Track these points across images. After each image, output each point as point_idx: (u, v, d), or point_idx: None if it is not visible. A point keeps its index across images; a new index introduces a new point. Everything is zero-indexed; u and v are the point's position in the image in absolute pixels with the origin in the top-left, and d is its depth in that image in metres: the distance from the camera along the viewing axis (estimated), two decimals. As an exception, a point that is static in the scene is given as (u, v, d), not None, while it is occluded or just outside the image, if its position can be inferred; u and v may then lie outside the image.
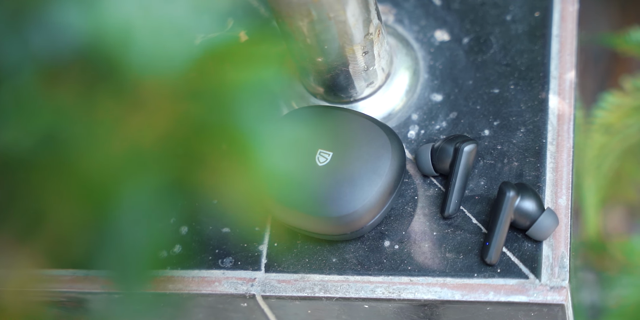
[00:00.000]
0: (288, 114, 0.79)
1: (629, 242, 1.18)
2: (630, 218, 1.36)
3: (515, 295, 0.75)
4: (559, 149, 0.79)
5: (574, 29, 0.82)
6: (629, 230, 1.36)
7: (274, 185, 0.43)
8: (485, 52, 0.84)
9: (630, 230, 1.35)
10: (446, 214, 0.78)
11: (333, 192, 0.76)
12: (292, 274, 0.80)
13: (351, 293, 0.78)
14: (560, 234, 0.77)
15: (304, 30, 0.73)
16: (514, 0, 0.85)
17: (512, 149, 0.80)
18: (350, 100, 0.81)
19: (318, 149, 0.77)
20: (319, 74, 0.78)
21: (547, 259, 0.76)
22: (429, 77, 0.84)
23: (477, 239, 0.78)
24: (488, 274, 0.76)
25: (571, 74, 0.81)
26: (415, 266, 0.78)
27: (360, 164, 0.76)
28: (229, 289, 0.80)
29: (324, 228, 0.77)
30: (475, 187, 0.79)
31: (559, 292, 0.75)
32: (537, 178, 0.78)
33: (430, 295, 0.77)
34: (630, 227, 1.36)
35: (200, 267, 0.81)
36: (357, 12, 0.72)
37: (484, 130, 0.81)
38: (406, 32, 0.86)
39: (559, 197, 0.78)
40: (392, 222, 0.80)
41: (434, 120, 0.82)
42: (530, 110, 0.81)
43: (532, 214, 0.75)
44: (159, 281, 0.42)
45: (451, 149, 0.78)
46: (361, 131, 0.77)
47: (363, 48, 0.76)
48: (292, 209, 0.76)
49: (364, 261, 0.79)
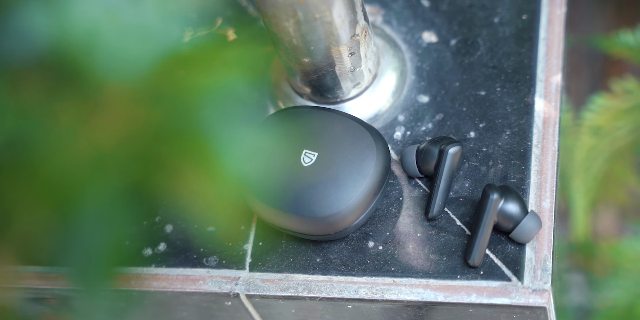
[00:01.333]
0: (274, 114, 0.79)
1: (617, 245, 1.18)
2: (621, 220, 1.36)
3: (497, 298, 0.75)
4: (544, 152, 0.79)
5: (561, 32, 0.83)
6: (620, 232, 1.36)
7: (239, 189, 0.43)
8: (472, 54, 0.84)
9: (621, 233, 1.36)
10: (430, 215, 0.78)
11: (317, 193, 0.76)
12: (276, 274, 0.80)
13: (335, 293, 0.78)
14: (543, 236, 0.77)
15: (290, 31, 0.73)
16: (502, 3, 0.85)
17: (497, 151, 0.80)
18: (337, 100, 0.82)
19: (303, 149, 0.77)
20: (306, 74, 0.78)
21: (530, 262, 0.76)
22: (416, 79, 0.84)
23: (460, 241, 0.78)
24: (471, 276, 0.76)
25: (557, 77, 0.81)
26: (398, 267, 0.78)
27: (345, 165, 0.76)
28: (213, 287, 0.80)
29: (308, 228, 0.77)
30: (460, 189, 0.80)
31: (541, 295, 0.75)
32: (522, 181, 0.79)
33: (413, 296, 0.77)
34: (621, 229, 1.37)
35: (185, 265, 0.82)
36: (343, 13, 0.73)
37: (470, 132, 0.81)
38: (394, 33, 0.86)
39: (543, 200, 0.78)
40: (376, 223, 0.80)
41: (420, 122, 0.83)
42: (516, 113, 0.81)
43: (515, 217, 0.75)
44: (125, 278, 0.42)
45: (436, 150, 0.78)
46: (347, 132, 0.77)
47: (349, 49, 0.76)
48: (276, 209, 0.77)
49: (348, 261, 0.79)
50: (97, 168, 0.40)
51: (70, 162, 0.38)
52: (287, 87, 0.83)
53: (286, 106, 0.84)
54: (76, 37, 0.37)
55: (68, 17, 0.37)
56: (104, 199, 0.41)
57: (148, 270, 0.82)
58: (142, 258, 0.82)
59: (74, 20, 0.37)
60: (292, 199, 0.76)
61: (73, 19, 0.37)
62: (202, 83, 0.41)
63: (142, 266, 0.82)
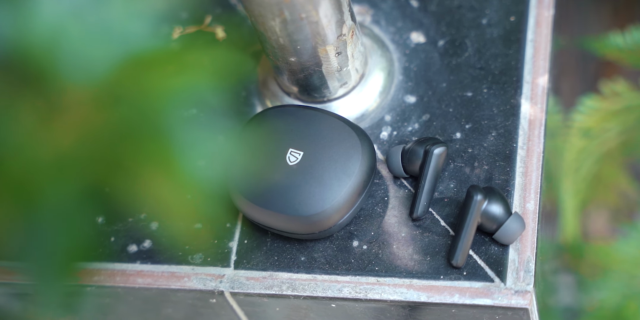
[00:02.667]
0: (260, 113, 0.80)
1: (606, 246, 1.18)
2: (613, 221, 1.36)
3: (480, 298, 0.76)
4: (529, 154, 0.80)
5: (549, 34, 0.83)
6: (612, 233, 1.36)
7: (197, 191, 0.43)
8: (460, 55, 0.84)
9: (612, 234, 1.36)
10: (415, 215, 0.78)
11: (302, 192, 0.76)
12: (260, 272, 0.80)
13: (318, 292, 0.78)
14: (527, 238, 0.77)
15: (277, 30, 0.73)
16: (490, 4, 0.85)
17: (482, 152, 0.80)
18: (324, 100, 0.82)
19: (289, 148, 0.77)
20: (293, 73, 0.79)
21: (513, 263, 0.76)
22: (404, 79, 0.84)
23: (444, 241, 0.78)
24: (454, 277, 0.77)
25: (544, 79, 0.82)
26: (382, 267, 0.78)
27: (330, 164, 0.76)
28: (197, 284, 0.81)
29: (292, 227, 0.77)
30: (445, 190, 0.80)
31: (523, 296, 0.75)
32: (507, 182, 0.79)
33: (396, 296, 0.77)
34: (612, 230, 1.37)
35: (170, 262, 0.82)
36: (330, 13, 0.73)
37: (456, 133, 0.81)
38: (382, 33, 0.86)
39: (527, 202, 0.78)
40: (361, 223, 0.80)
41: (407, 122, 0.83)
42: (502, 114, 0.81)
43: (499, 218, 0.76)
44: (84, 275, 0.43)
45: (421, 151, 0.78)
46: (332, 131, 0.77)
47: (336, 49, 0.76)
48: (260, 207, 0.77)
49: (332, 261, 0.79)
50: (57, 168, 0.40)
51: (31, 162, 0.38)
52: (274, 85, 0.83)
53: (274, 105, 0.84)
54: (40, 38, 0.37)
55: (32, 18, 0.37)
56: (64, 198, 0.41)
57: (133, 267, 0.82)
58: (127, 254, 0.83)
59: (38, 21, 0.37)
60: (277, 198, 0.76)
61: (37, 19, 0.37)
62: (166, 85, 0.41)
63: (127, 262, 0.82)
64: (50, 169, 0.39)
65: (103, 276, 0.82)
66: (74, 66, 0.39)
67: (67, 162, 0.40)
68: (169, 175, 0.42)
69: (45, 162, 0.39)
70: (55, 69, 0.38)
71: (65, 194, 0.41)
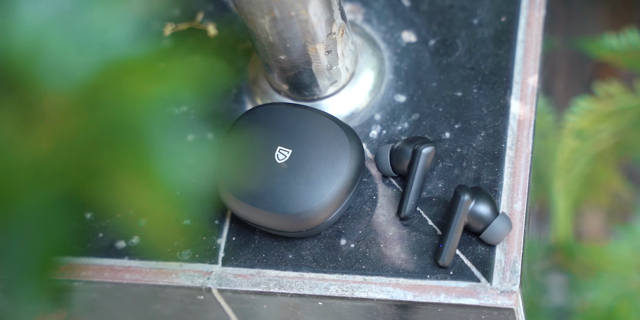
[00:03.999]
0: (250, 110, 0.80)
1: (598, 247, 1.19)
2: (607, 222, 1.36)
3: (466, 298, 0.76)
4: (518, 154, 0.80)
5: (539, 35, 0.83)
6: (606, 234, 1.36)
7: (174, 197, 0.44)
8: (450, 54, 0.84)
9: (607, 235, 1.36)
10: (402, 214, 0.78)
11: (290, 190, 0.76)
12: (248, 269, 0.80)
13: (305, 290, 0.79)
14: (514, 238, 0.77)
15: (266, 28, 0.73)
16: (482, 4, 0.85)
17: (471, 152, 0.80)
18: (314, 98, 0.82)
19: (278, 146, 0.77)
20: (282, 71, 0.79)
21: (500, 263, 0.76)
22: (394, 78, 0.84)
23: (432, 241, 0.78)
24: (441, 276, 0.77)
25: (534, 79, 0.82)
26: (369, 265, 0.78)
27: (318, 163, 0.76)
28: (185, 281, 0.81)
29: (280, 224, 0.77)
30: (433, 189, 0.80)
31: (509, 297, 0.75)
32: (495, 182, 0.79)
33: (383, 295, 0.77)
34: (607, 231, 1.37)
35: (158, 258, 0.82)
36: (319, 12, 0.73)
37: (445, 132, 0.82)
38: (374, 32, 0.86)
39: (514, 202, 0.78)
40: (349, 221, 0.80)
41: (396, 121, 0.83)
42: (491, 115, 0.81)
43: (486, 218, 0.76)
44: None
45: (410, 150, 0.78)
46: (321, 130, 0.77)
47: (326, 47, 0.76)
48: (248, 204, 0.77)
49: (320, 259, 0.79)
50: (34, 173, 0.40)
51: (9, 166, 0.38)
52: (265, 83, 0.84)
53: (264, 102, 0.84)
54: (20, 43, 0.37)
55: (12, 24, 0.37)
56: (41, 201, 0.42)
57: (121, 263, 0.82)
58: (115, 250, 0.83)
59: (19, 27, 0.37)
60: (265, 195, 0.77)
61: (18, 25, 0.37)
62: (144, 92, 0.41)
63: (115, 258, 0.83)
64: (27, 174, 0.39)
65: (91, 271, 0.82)
66: (54, 72, 0.39)
67: (45, 166, 0.40)
68: (146, 181, 0.42)
69: (23, 167, 0.39)
70: (35, 75, 0.38)
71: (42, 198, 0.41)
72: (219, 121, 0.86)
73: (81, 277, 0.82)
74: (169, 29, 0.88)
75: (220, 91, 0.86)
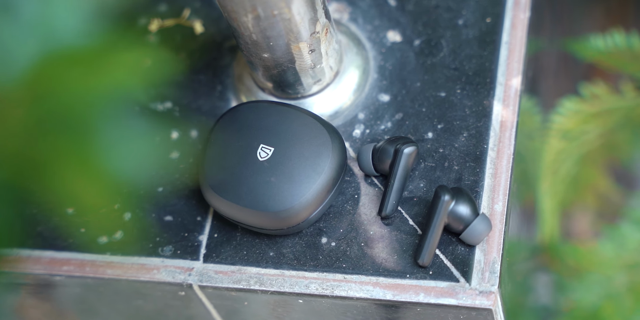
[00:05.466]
0: (233, 108, 0.80)
1: (583, 248, 1.19)
2: (595, 223, 1.37)
3: (444, 298, 0.76)
4: (499, 155, 0.80)
5: (524, 37, 0.83)
6: (595, 235, 1.36)
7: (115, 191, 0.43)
8: (435, 55, 0.84)
9: (596, 235, 1.36)
10: (383, 214, 0.79)
11: (271, 187, 0.76)
12: (229, 266, 0.80)
13: (286, 287, 0.79)
14: (493, 239, 0.77)
15: (249, 26, 0.73)
16: (467, 5, 0.85)
17: (453, 152, 0.81)
18: (298, 96, 0.82)
19: (260, 144, 0.77)
20: (266, 69, 0.79)
21: (479, 264, 0.77)
22: (378, 77, 0.84)
23: (412, 240, 0.79)
24: (420, 276, 0.77)
25: (517, 81, 0.82)
26: (350, 264, 0.78)
27: (300, 161, 0.77)
28: (166, 277, 0.81)
29: (261, 222, 0.78)
30: (414, 189, 0.80)
31: (487, 297, 0.76)
32: (476, 183, 0.79)
33: (362, 293, 0.78)
34: (596, 232, 1.37)
35: (140, 254, 0.82)
36: (303, 11, 0.73)
37: (428, 132, 0.82)
38: (359, 31, 0.86)
39: (495, 203, 0.78)
40: (330, 220, 0.80)
41: (380, 121, 0.83)
42: (474, 115, 0.81)
43: (465, 219, 0.76)
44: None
45: (392, 150, 0.78)
46: (304, 128, 0.78)
47: (309, 46, 0.77)
48: (230, 202, 0.77)
49: (301, 257, 0.80)
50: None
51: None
52: (249, 81, 0.84)
53: (248, 100, 0.84)
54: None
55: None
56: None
57: (103, 258, 0.83)
58: (98, 245, 0.83)
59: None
60: (246, 193, 0.77)
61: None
62: (91, 83, 0.41)
63: (97, 253, 0.83)
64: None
65: (72, 266, 0.82)
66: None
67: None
68: (87, 173, 0.42)
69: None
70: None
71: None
72: (204, 118, 0.86)
73: (62, 271, 0.82)
74: (155, 24, 0.88)
75: (209, 84, 0.86)
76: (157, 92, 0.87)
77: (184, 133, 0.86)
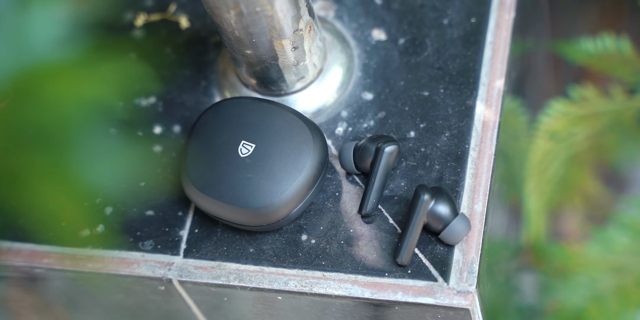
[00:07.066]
0: (216, 104, 0.80)
1: (568, 249, 1.19)
2: (584, 224, 1.37)
3: (422, 297, 0.76)
4: (481, 156, 0.80)
5: (508, 37, 0.83)
6: (585, 236, 1.36)
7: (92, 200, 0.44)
8: (419, 54, 0.84)
9: (585, 237, 1.36)
10: (363, 212, 0.79)
11: (252, 184, 0.76)
12: (209, 261, 0.81)
13: (265, 284, 0.79)
14: (472, 239, 0.77)
15: (232, 22, 0.73)
16: (453, 5, 0.85)
17: (435, 152, 0.81)
18: (281, 93, 0.82)
19: (241, 140, 0.78)
20: (250, 66, 0.79)
21: (457, 264, 0.77)
22: (362, 75, 0.84)
23: (392, 239, 0.79)
24: (399, 274, 0.77)
25: (500, 81, 0.82)
26: (329, 262, 0.79)
27: (280, 158, 0.77)
28: (146, 271, 0.81)
29: (241, 218, 0.78)
30: (395, 188, 0.80)
31: (465, 297, 0.76)
32: (456, 183, 0.79)
33: (341, 291, 0.78)
34: (585, 233, 1.37)
35: (121, 248, 0.82)
36: (285, 8, 0.73)
37: (410, 131, 0.82)
38: (344, 29, 0.86)
39: (475, 203, 0.78)
40: (311, 217, 0.80)
41: (363, 119, 0.83)
42: (456, 115, 0.81)
43: (445, 218, 0.76)
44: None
45: (373, 148, 0.78)
46: (285, 125, 0.78)
47: (292, 43, 0.77)
48: (210, 198, 0.77)
49: (280, 253, 0.80)
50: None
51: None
52: (233, 77, 0.84)
53: (232, 96, 0.84)
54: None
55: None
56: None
57: (84, 251, 0.83)
58: (79, 238, 0.83)
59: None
60: (227, 189, 0.77)
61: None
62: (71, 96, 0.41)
63: (78, 246, 0.83)
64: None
65: (53, 259, 0.83)
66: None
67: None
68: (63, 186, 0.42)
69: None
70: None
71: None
72: (187, 113, 0.86)
73: (43, 264, 0.82)
74: (141, 19, 0.88)
75: (193, 80, 0.87)
76: (142, 86, 0.87)
77: (167, 128, 0.86)
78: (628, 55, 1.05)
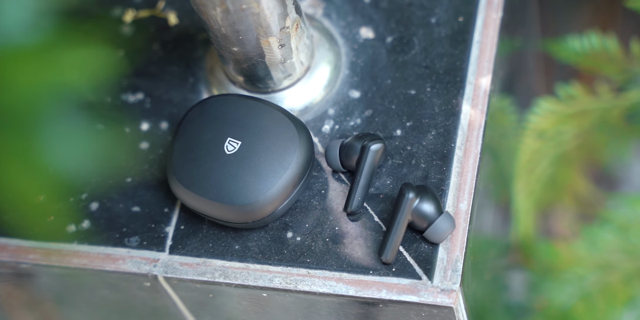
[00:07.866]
0: (203, 101, 0.80)
1: (556, 247, 1.19)
2: (574, 223, 1.37)
3: (406, 295, 0.76)
4: (466, 154, 0.80)
5: (495, 37, 0.83)
6: (574, 235, 1.37)
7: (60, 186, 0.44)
8: (406, 52, 0.84)
9: (574, 236, 1.36)
10: (349, 210, 0.79)
11: (237, 181, 0.77)
12: (194, 258, 0.81)
13: (250, 281, 0.79)
14: (457, 238, 0.78)
15: (218, 20, 0.73)
16: (441, 4, 0.85)
17: (421, 150, 0.81)
18: (269, 90, 0.82)
19: (227, 137, 0.78)
20: (237, 63, 0.79)
21: (442, 262, 0.77)
22: (350, 74, 0.85)
23: (377, 237, 0.79)
24: (383, 272, 0.77)
25: (487, 80, 0.82)
26: (314, 259, 0.79)
27: (266, 155, 0.77)
28: (132, 267, 0.81)
29: (226, 215, 0.78)
30: (381, 186, 0.80)
31: (448, 295, 0.76)
32: (442, 181, 0.79)
33: (325, 288, 0.78)
34: (575, 232, 1.37)
35: (107, 244, 0.82)
36: (272, 5, 0.73)
37: (396, 130, 0.82)
38: (332, 27, 0.86)
39: (460, 202, 0.79)
40: (297, 214, 0.81)
41: (349, 117, 0.83)
42: (443, 114, 0.82)
43: (429, 217, 0.76)
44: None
45: (359, 146, 0.79)
46: (272, 123, 0.78)
47: (279, 41, 0.77)
48: (196, 194, 0.77)
49: (266, 250, 0.80)
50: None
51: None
52: (221, 74, 0.84)
53: (220, 93, 0.84)
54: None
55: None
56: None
57: (70, 247, 0.83)
58: (65, 234, 0.83)
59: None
60: (212, 186, 0.77)
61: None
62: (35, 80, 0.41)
63: (64, 242, 0.83)
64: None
65: (39, 255, 0.83)
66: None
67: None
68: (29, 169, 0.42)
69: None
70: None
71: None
72: (175, 110, 0.86)
73: (28, 259, 0.82)
74: (129, 15, 0.88)
75: (181, 76, 0.87)
76: (129, 82, 0.87)
77: (154, 124, 0.86)
78: (615, 54, 1.05)
